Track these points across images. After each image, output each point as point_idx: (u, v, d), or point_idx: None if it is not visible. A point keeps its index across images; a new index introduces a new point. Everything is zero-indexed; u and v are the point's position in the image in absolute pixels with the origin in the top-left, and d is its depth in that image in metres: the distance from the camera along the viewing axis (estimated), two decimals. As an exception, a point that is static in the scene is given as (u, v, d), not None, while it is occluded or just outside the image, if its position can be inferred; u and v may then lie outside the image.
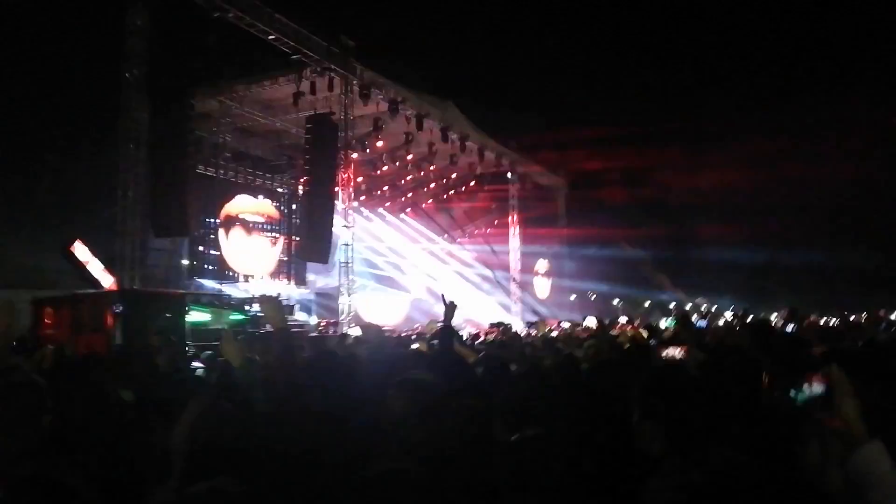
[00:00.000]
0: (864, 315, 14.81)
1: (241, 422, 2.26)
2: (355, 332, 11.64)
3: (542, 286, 33.83)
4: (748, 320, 9.41)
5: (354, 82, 17.68)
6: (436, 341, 6.41)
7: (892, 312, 15.28)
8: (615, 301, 34.83)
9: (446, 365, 3.76)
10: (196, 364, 6.84)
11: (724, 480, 1.69)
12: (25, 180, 17.37)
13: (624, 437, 2.59)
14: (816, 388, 1.73)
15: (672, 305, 33.65)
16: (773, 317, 15.77)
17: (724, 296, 34.29)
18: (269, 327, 2.77)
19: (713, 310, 21.20)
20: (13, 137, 17.11)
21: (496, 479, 2.07)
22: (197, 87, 15.90)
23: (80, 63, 17.40)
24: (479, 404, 2.74)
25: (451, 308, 4.01)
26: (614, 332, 9.04)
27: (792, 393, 1.80)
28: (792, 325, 8.03)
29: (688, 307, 26.27)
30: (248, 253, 21.98)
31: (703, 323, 9.17)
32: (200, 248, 19.84)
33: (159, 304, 13.13)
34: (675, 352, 3.71)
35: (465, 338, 9.42)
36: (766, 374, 2.31)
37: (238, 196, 21.86)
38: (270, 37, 15.35)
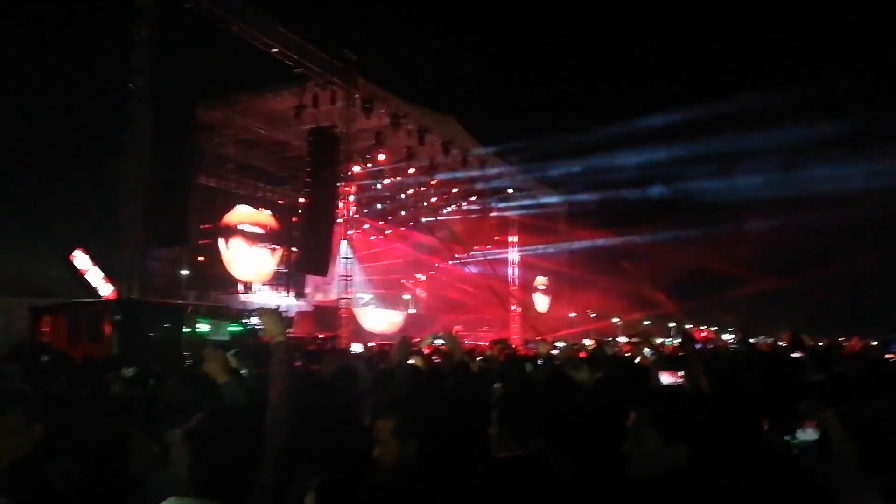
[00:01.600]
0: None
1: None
2: (356, 347, 11.61)
3: (542, 302, 33.83)
4: (748, 344, 9.32)
5: (356, 96, 17.74)
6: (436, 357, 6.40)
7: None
8: (614, 319, 34.76)
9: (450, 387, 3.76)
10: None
11: None
12: (27, 188, 17.38)
13: (615, 458, 2.58)
14: (810, 434, 1.71)
15: (671, 325, 33.57)
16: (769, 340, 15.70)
17: (726, 314, 34.18)
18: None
19: (712, 331, 21.14)
20: (16, 145, 17.17)
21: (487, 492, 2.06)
22: (200, 99, 15.99)
23: (85, 73, 17.51)
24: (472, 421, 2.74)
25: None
26: (614, 349, 8.99)
27: (787, 437, 1.77)
28: (796, 351, 7.93)
29: (687, 327, 26.22)
30: (249, 262, 22.01)
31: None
32: (200, 259, 19.85)
33: (158, 315, 13.09)
34: (673, 375, 3.68)
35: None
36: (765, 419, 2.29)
37: (238, 206, 21.92)
38: (274, 50, 15.44)
